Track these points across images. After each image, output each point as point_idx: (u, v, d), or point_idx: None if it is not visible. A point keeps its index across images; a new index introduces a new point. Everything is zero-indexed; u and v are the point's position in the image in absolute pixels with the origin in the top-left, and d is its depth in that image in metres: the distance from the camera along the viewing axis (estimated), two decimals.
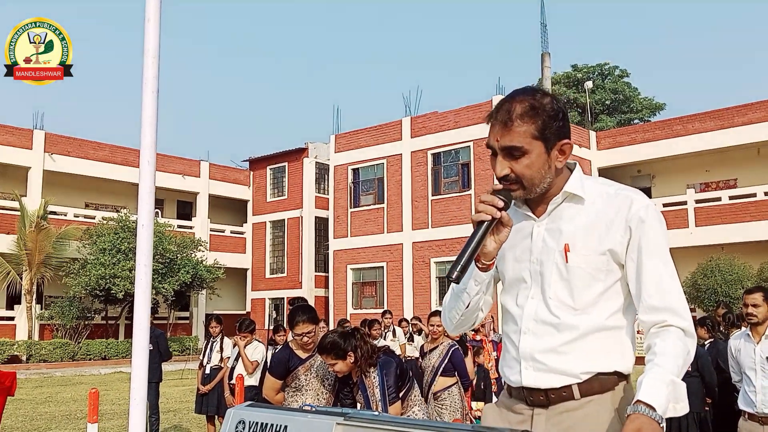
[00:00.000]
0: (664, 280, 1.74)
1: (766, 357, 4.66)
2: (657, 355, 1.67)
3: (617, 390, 1.77)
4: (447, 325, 2.04)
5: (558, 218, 1.83)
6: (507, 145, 1.76)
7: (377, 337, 9.77)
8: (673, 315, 1.71)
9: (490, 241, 1.78)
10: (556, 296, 1.79)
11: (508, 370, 1.89)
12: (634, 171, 27.53)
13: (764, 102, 23.58)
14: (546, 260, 1.82)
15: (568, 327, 1.77)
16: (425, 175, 25.58)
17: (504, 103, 1.79)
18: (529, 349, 1.81)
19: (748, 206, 22.77)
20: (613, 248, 1.77)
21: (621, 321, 1.80)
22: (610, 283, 1.79)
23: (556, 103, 1.80)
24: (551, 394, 1.78)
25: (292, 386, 4.20)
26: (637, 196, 1.80)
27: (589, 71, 41.17)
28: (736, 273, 19.53)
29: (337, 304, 27.43)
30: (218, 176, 32.33)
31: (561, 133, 1.79)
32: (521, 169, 1.76)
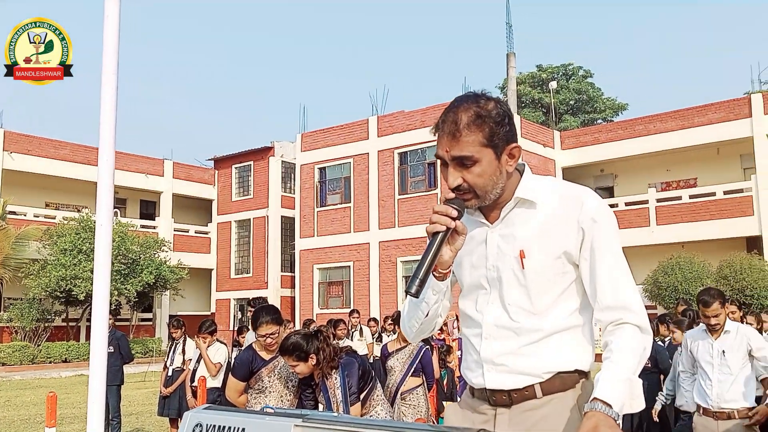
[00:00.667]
0: (618, 278, 1.76)
1: (723, 351, 4.75)
2: (613, 352, 1.68)
3: (578, 387, 1.79)
4: (407, 334, 2.04)
5: (511, 223, 1.84)
6: (457, 155, 1.76)
7: (342, 336, 9.74)
8: (629, 312, 1.73)
9: (446, 251, 1.78)
10: (515, 302, 1.81)
11: (470, 373, 1.89)
12: (597, 170, 27.90)
13: (723, 102, 24.08)
14: (502, 266, 1.83)
15: (528, 330, 1.79)
16: (392, 175, 25.60)
17: (449, 113, 1.79)
18: (491, 353, 1.82)
19: (708, 205, 23.24)
20: (567, 250, 1.78)
21: (579, 320, 1.82)
22: (567, 284, 1.81)
23: (500, 107, 1.80)
24: (514, 394, 1.79)
25: (256, 388, 4.16)
26: (587, 196, 1.81)
27: (554, 71, 41.64)
28: (696, 271, 19.90)
29: (303, 304, 27.31)
30: (182, 175, 31.94)
31: (508, 137, 1.79)
32: (473, 178, 1.76)
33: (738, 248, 21.83)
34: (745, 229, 22.53)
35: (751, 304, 17.53)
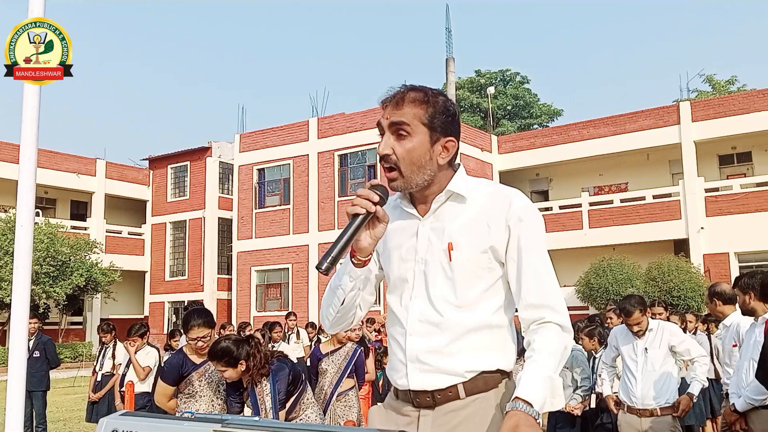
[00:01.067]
0: (543, 277, 1.79)
1: (646, 348, 4.90)
2: (535, 351, 1.71)
3: (500, 387, 1.81)
4: (324, 323, 2.03)
5: (442, 217, 1.86)
6: (395, 120, 1.80)
7: (279, 340, 9.66)
8: (552, 311, 1.76)
9: (365, 236, 1.78)
10: (440, 294, 1.81)
11: (394, 374, 1.88)
12: (533, 174, 28.45)
13: (653, 110, 24.90)
14: (431, 259, 1.83)
15: (451, 325, 1.79)
16: (332, 177, 25.54)
17: (399, 90, 1.85)
18: (415, 350, 1.81)
19: (638, 209, 23.99)
20: (494, 246, 1.80)
21: (502, 319, 1.84)
22: (492, 280, 1.82)
23: (449, 102, 1.86)
24: (437, 395, 1.79)
25: (186, 392, 4.07)
26: (516, 196, 1.84)
27: (492, 77, 42.28)
28: (626, 273, 20.51)
29: (240, 306, 26.95)
30: (115, 175, 31.11)
31: (448, 129, 1.84)
32: (403, 151, 1.79)
33: (666, 251, 22.60)
34: (673, 233, 23.34)
35: (677, 305, 18.16)
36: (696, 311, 15.25)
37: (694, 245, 22.69)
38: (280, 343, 9.63)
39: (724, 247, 22.26)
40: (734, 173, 24.81)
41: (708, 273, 21.65)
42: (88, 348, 25.93)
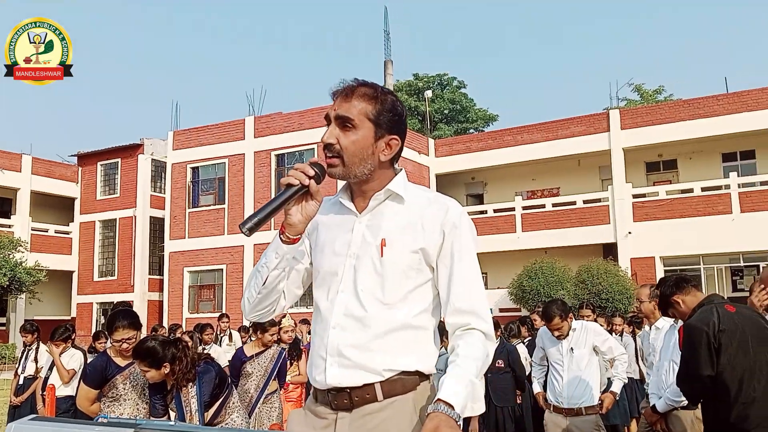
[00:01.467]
0: (473, 284, 1.83)
1: (571, 348, 5.02)
2: (459, 356, 1.74)
3: (419, 390, 1.82)
4: (245, 306, 1.99)
5: (379, 215, 1.88)
6: (341, 114, 1.83)
7: (210, 342, 9.49)
8: (477, 318, 1.80)
9: (296, 212, 1.80)
10: (367, 288, 1.82)
11: (314, 370, 1.88)
12: (468, 178, 28.82)
13: (585, 117, 25.56)
14: (363, 255, 1.85)
15: (375, 321, 1.80)
16: (269, 176, 25.27)
17: (350, 84, 1.88)
18: (337, 343, 1.81)
19: (569, 213, 24.59)
20: (426, 248, 1.83)
21: (427, 322, 1.86)
22: (420, 282, 1.85)
23: (397, 101, 1.91)
24: (355, 397, 1.79)
25: (110, 396, 3.95)
26: (452, 204, 1.89)
27: (430, 81, 42.64)
28: (557, 275, 20.98)
29: (172, 308, 26.38)
30: (42, 171, 30.00)
31: (393, 127, 1.87)
32: (346, 142, 1.82)
33: (596, 254, 23.23)
34: (602, 237, 24.01)
35: (606, 307, 18.68)
36: (623, 313, 15.72)
37: (622, 249, 23.39)
38: (211, 345, 9.46)
39: (650, 252, 23.03)
40: (660, 180, 25.70)
41: (635, 276, 22.35)
42: (11, 350, 24.94)
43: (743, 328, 3.23)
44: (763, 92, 22.76)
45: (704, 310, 3.38)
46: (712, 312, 3.31)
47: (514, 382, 7.02)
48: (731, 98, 23.23)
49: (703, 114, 23.27)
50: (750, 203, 21.98)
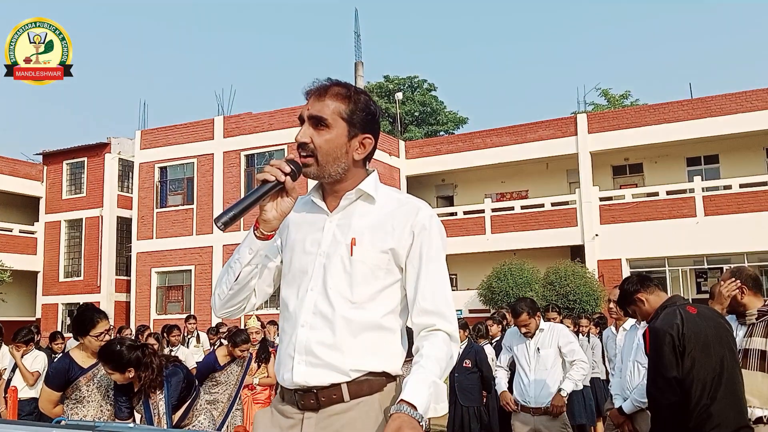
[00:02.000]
0: (439, 286, 1.85)
1: (538, 348, 5.08)
2: (423, 357, 1.75)
3: (385, 391, 1.83)
4: (215, 303, 1.99)
5: (350, 215, 1.89)
6: (315, 114, 1.84)
7: (177, 343, 9.40)
8: (442, 319, 1.82)
9: (271, 208, 1.81)
10: (336, 287, 1.83)
11: (281, 368, 1.88)
12: (438, 180, 28.94)
13: (553, 121, 25.84)
14: (333, 253, 1.86)
15: (343, 320, 1.81)
16: (238, 177, 25.10)
17: (323, 83, 1.89)
18: (305, 341, 1.82)
19: (537, 216, 24.83)
20: (396, 249, 1.85)
21: (395, 323, 1.87)
22: (389, 282, 1.86)
23: (370, 101, 1.92)
24: (321, 397, 1.80)
25: (73, 398, 3.89)
26: (423, 206, 1.90)
27: (400, 83, 42.72)
28: (526, 276, 21.18)
29: (139, 309, 26.05)
30: (6, 170, 29.40)
31: (367, 126, 1.89)
32: (320, 141, 1.84)
33: (563, 256, 23.49)
34: (570, 239, 24.29)
35: (574, 308, 18.91)
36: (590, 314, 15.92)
37: (589, 251, 23.68)
38: (178, 347, 9.37)
39: (616, 254, 23.36)
40: (627, 183, 26.09)
41: (602, 278, 22.65)
42: None
43: (705, 330, 3.25)
44: (726, 98, 23.22)
45: (668, 313, 3.39)
46: (676, 314, 3.31)
47: (480, 382, 7.07)
48: (696, 104, 23.67)
49: (669, 119, 23.68)
50: (714, 207, 22.42)
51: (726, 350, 3.26)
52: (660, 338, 3.27)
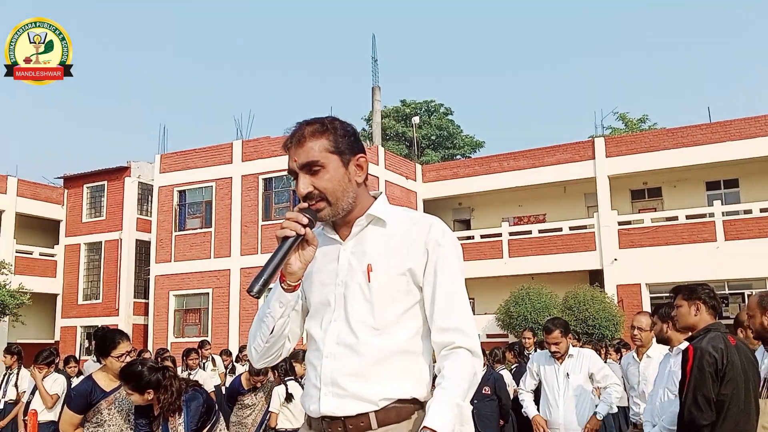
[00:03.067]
0: (456, 301, 1.82)
1: (567, 373, 5.03)
2: (445, 378, 1.73)
3: (413, 419, 1.81)
4: (252, 356, 1.99)
5: (363, 241, 1.88)
6: (304, 161, 1.83)
7: (195, 367, 9.42)
8: (461, 335, 1.79)
9: (295, 260, 1.80)
10: (357, 316, 1.82)
11: (308, 400, 1.88)
12: (455, 203, 28.93)
13: (570, 145, 25.80)
14: (350, 282, 1.85)
15: (367, 348, 1.80)
16: (256, 200, 25.23)
17: (296, 130, 1.87)
18: (330, 372, 1.81)
19: (555, 240, 24.70)
20: (413, 269, 1.83)
21: (419, 346, 1.85)
22: (410, 304, 1.84)
23: (344, 124, 1.90)
24: (349, 425, 1.78)
25: (93, 421, 3.90)
26: (435, 221, 1.89)
27: (417, 107, 42.95)
28: (544, 301, 21.01)
29: (157, 332, 26.12)
30: (27, 193, 29.80)
31: (354, 148, 1.89)
32: (323, 183, 1.83)
33: (582, 281, 23.32)
34: (588, 263, 24.11)
35: (593, 333, 18.72)
36: (610, 340, 15.77)
37: (608, 276, 23.48)
38: (197, 370, 9.39)
39: (636, 278, 23.14)
40: (645, 207, 25.92)
41: (621, 303, 22.43)
42: None
43: (742, 361, 3.32)
44: (745, 122, 23.09)
45: (714, 338, 3.40)
46: (720, 340, 3.36)
47: (498, 409, 7.00)
48: (714, 128, 23.55)
49: (687, 143, 23.57)
50: (734, 231, 22.19)
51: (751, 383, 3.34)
52: (706, 359, 3.30)
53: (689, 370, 3.38)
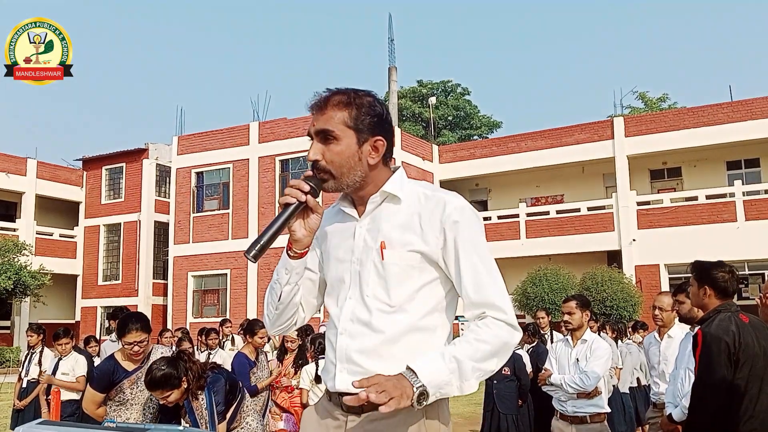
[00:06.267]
0: (481, 275, 1.79)
1: (577, 359, 5.00)
2: (460, 339, 1.75)
3: None
4: (267, 323, 2.02)
5: (378, 218, 1.88)
6: (320, 128, 1.83)
7: (215, 346, 9.49)
8: (492, 309, 1.77)
9: (299, 227, 1.81)
10: (372, 293, 1.82)
11: (325, 375, 1.91)
12: (472, 184, 28.81)
13: (589, 124, 25.54)
14: (365, 259, 1.85)
15: (383, 325, 1.80)
16: (273, 181, 25.30)
17: (324, 95, 1.87)
18: (345, 349, 1.83)
19: (573, 220, 24.55)
20: (427, 246, 1.81)
21: (435, 322, 1.84)
22: (425, 281, 1.83)
23: (376, 101, 1.87)
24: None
25: (116, 400, 3.92)
26: (451, 198, 1.85)
27: (434, 87, 42.71)
28: (561, 282, 20.92)
29: (176, 312, 26.39)
30: (47, 175, 30.08)
31: (375, 129, 1.85)
32: (331, 155, 1.82)
33: (600, 261, 23.19)
34: (607, 244, 23.96)
35: (611, 314, 18.63)
36: (627, 320, 15.69)
37: (626, 256, 23.33)
38: (217, 350, 9.46)
39: (654, 259, 22.97)
40: (665, 188, 25.67)
41: (639, 284, 22.30)
42: (15, 353, 24.96)
43: (757, 341, 3.23)
44: (767, 100, 22.73)
45: (723, 319, 3.33)
46: (731, 321, 3.27)
47: (517, 390, 7.01)
48: (736, 106, 23.20)
49: (708, 122, 23.25)
50: (755, 211, 21.94)
51: None
52: (715, 343, 3.23)
53: (698, 356, 3.33)
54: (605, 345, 5.13)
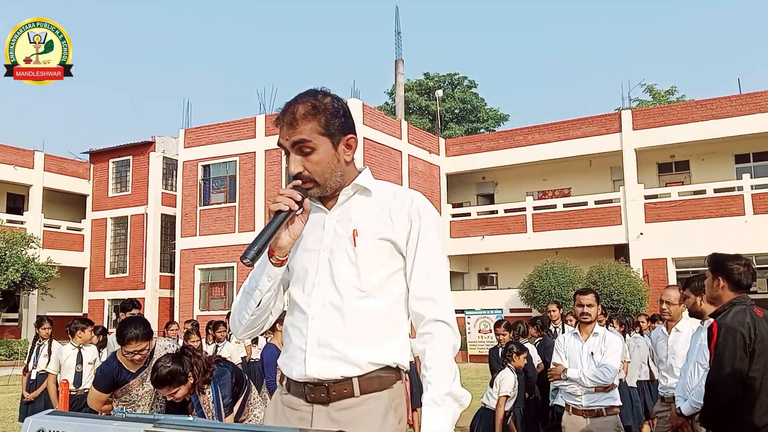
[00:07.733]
0: (431, 271, 1.88)
1: (591, 353, 4.97)
2: (428, 369, 1.80)
3: (395, 388, 1.87)
4: (236, 328, 2.03)
5: (348, 209, 1.94)
6: (296, 140, 1.86)
7: (222, 339, 9.52)
8: (435, 305, 1.85)
9: (285, 235, 1.84)
10: (344, 279, 1.86)
11: (290, 362, 1.90)
12: (479, 177, 28.76)
13: (596, 117, 25.45)
14: (336, 248, 1.90)
15: (353, 310, 1.84)
16: (279, 175, 25.31)
17: (289, 107, 1.91)
18: (317, 333, 1.84)
19: (580, 214, 24.49)
20: (396, 235, 1.89)
21: (401, 312, 1.90)
22: (394, 269, 1.90)
23: (336, 101, 1.93)
24: (332, 391, 1.82)
25: (123, 399, 3.90)
26: (417, 195, 1.96)
27: (440, 80, 42.60)
28: (568, 276, 20.91)
29: (183, 305, 26.47)
30: (54, 168, 30.15)
31: (345, 128, 1.92)
32: (312, 166, 1.87)
33: (607, 255, 23.13)
34: (614, 238, 23.90)
35: (618, 308, 18.60)
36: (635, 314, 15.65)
37: (633, 250, 23.27)
38: (224, 343, 9.49)
39: (662, 253, 22.91)
40: (672, 181, 25.56)
41: (647, 278, 22.24)
42: (23, 346, 25.07)
43: None
44: None
45: (738, 311, 3.33)
46: (746, 314, 3.28)
47: (525, 383, 6.99)
48: (744, 99, 23.06)
49: (716, 115, 23.13)
50: (763, 205, 21.83)
51: None
52: (731, 334, 3.23)
53: (713, 347, 3.32)
54: (618, 338, 5.13)
